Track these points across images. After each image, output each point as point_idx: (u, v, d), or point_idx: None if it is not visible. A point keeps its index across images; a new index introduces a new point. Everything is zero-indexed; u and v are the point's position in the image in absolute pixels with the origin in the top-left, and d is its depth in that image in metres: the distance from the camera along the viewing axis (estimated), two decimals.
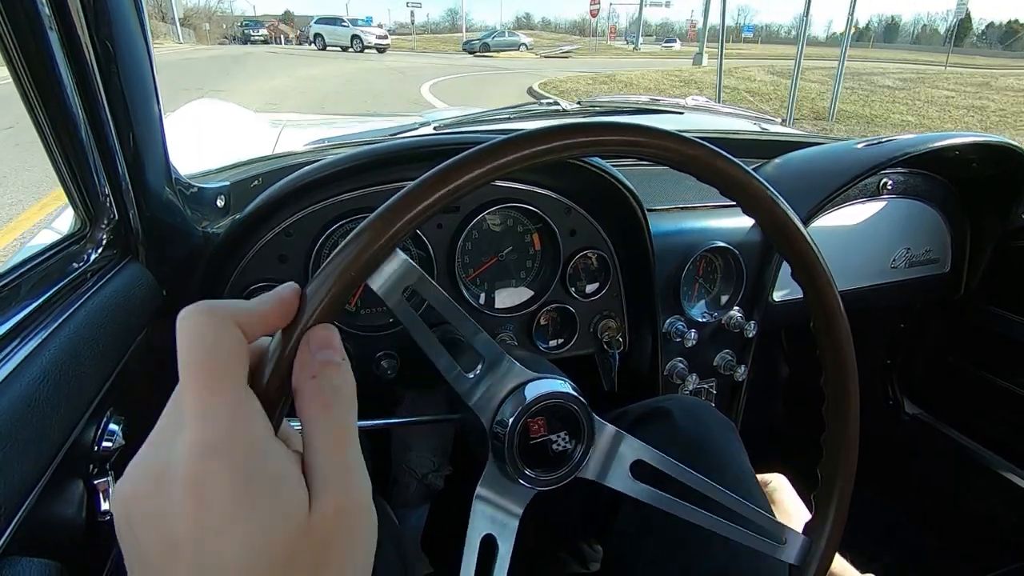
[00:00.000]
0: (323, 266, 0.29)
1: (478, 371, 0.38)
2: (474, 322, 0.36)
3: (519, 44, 30.31)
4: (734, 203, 0.38)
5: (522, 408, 0.38)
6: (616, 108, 1.44)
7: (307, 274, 0.70)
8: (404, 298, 0.32)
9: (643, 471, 0.40)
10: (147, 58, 0.55)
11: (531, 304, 0.81)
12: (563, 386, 0.40)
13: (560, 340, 0.84)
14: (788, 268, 0.40)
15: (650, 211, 0.78)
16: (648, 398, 0.71)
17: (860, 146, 0.99)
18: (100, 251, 0.58)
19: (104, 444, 0.46)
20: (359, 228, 0.30)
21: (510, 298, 0.82)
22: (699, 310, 0.91)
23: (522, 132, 0.33)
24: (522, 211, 0.78)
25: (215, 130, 1.33)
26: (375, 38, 24.74)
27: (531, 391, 0.39)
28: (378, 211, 0.30)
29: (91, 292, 0.51)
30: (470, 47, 28.96)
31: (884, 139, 0.99)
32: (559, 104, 1.29)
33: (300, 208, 0.69)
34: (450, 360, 0.36)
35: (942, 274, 1.12)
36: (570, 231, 0.80)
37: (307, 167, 0.63)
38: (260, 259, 0.69)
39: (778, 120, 1.53)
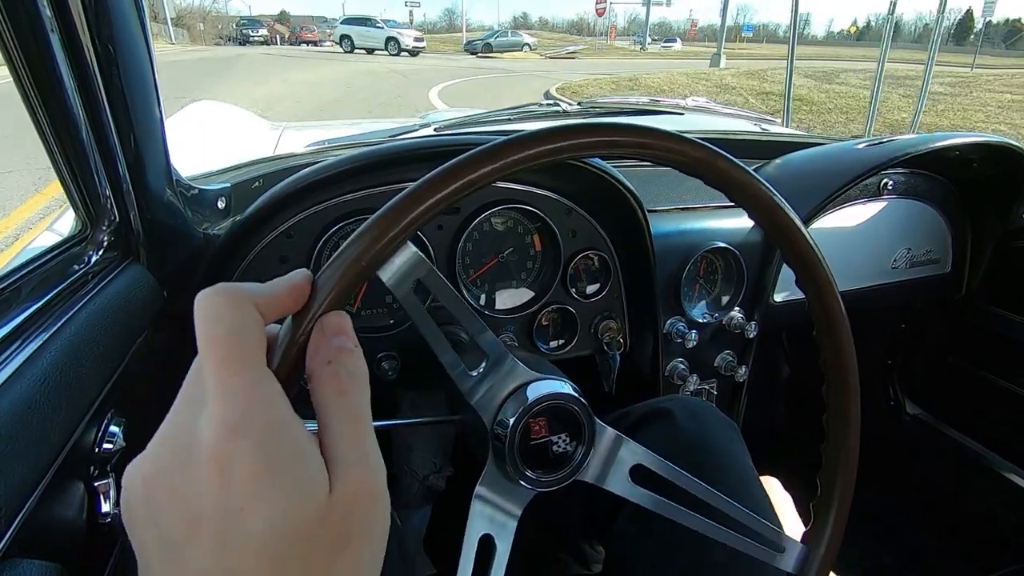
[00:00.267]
0: (335, 255, 0.29)
1: (481, 369, 0.38)
2: (480, 320, 0.36)
3: (522, 44, 29.29)
4: (734, 204, 0.38)
5: (524, 408, 0.38)
6: (617, 109, 1.44)
7: None
8: (412, 291, 0.32)
9: (643, 475, 0.40)
10: (148, 59, 0.55)
11: (532, 305, 0.81)
12: (565, 387, 0.40)
13: (561, 341, 0.84)
14: (789, 269, 0.40)
15: (650, 212, 0.78)
16: (649, 399, 0.71)
17: (860, 146, 0.99)
18: (101, 253, 0.58)
19: (105, 446, 0.46)
20: (373, 218, 0.30)
21: (511, 299, 0.82)
22: (700, 311, 0.91)
23: (556, 127, 0.33)
24: (523, 212, 0.78)
25: (216, 131, 1.33)
26: (412, 40, 22.55)
27: (533, 391, 0.39)
28: (392, 202, 0.30)
29: (92, 294, 0.51)
30: (472, 48, 28.18)
31: (884, 139, 0.99)
32: (560, 105, 1.29)
33: (301, 209, 0.69)
34: (455, 357, 0.36)
35: (943, 274, 1.12)
36: (571, 232, 0.80)
37: (308, 168, 0.63)
38: (261, 260, 0.69)
39: (778, 120, 1.53)
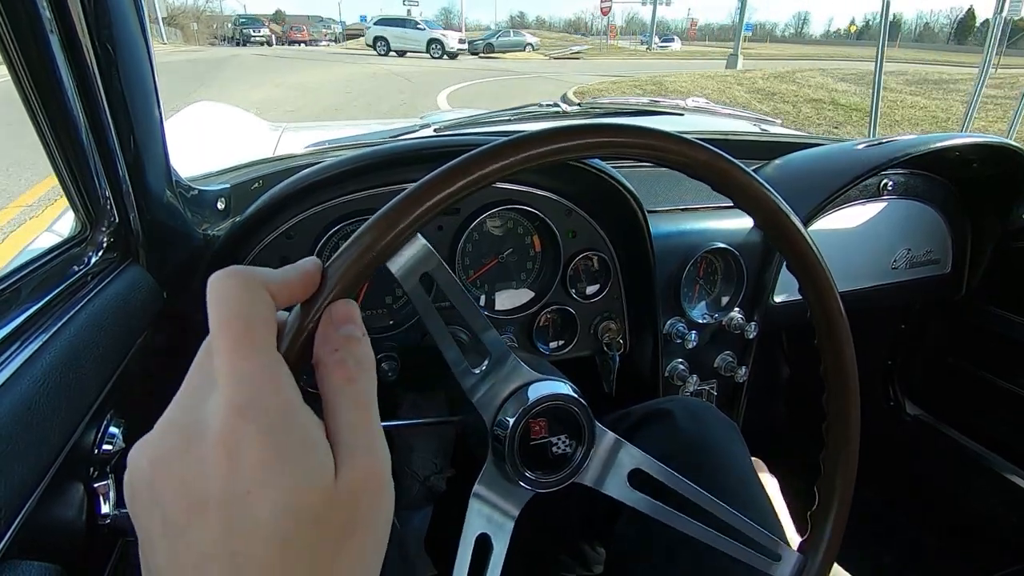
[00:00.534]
0: (345, 245, 0.29)
1: (484, 367, 0.38)
2: (486, 317, 0.36)
3: (525, 44, 28.39)
4: (738, 207, 0.38)
5: (524, 409, 0.38)
6: (617, 109, 1.44)
7: None
8: (420, 284, 0.32)
9: (641, 480, 0.40)
10: (147, 60, 0.55)
11: (532, 306, 0.81)
12: (565, 388, 0.40)
13: (561, 342, 0.84)
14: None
15: (650, 212, 0.77)
16: (649, 399, 0.71)
17: (860, 147, 0.99)
18: (101, 254, 0.58)
19: (104, 447, 0.46)
20: (384, 209, 0.30)
21: (510, 300, 0.82)
22: (700, 311, 0.91)
23: (562, 126, 0.33)
24: (522, 213, 0.78)
25: (215, 132, 1.33)
26: (456, 43, 20.57)
27: (534, 392, 0.39)
28: (403, 194, 0.30)
29: (92, 295, 0.51)
30: (474, 48, 26.94)
31: (884, 140, 0.99)
32: (559, 105, 1.29)
33: (301, 210, 0.69)
34: (458, 353, 0.36)
35: (943, 275, 1.12)
36: (570, 233, 0.80)
37: (308, 169, 0.63)
38: (261, 261, 0.69)
39: (778, 121, 1.53)
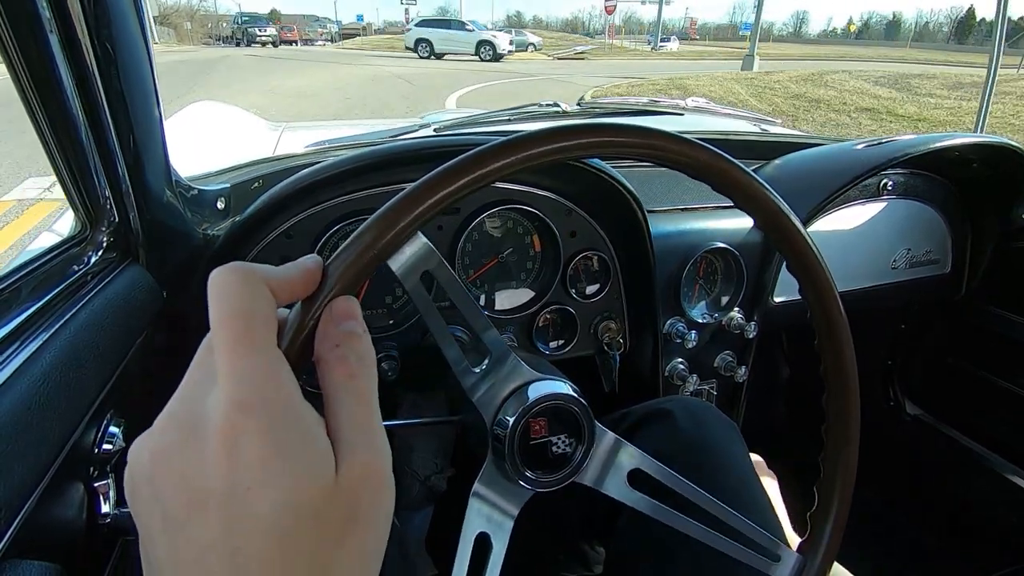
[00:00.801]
0: (346, 243, 0.29)
1: (484, 366, 0.38)
2: (486, 316, 0.36)
3: (527, 44, 27.64)
4: (739, 208, 0.38)
5: (524, 408, 0.38)
6: (616, 109, 1.44)
7: None
8: (420, 283, 0.32)
9: (641, 479, 0.40)
10: (147, 60, 0.54)
11: (531, 305, 0.81)
12: (565, 388, 0.40)
13: (561, 341, 0.84)
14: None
15: (650, 212, 0.78)
16: (649, 399, 0.71)
17: (860, 147, 0.99)
18: (100, 253, 0.58)
19: (104, 446, 0.46)
20: (384, 208, 0.30)
21: (510, 299, 0.82)
22: (699, 311, 0.91)
23: (563, 126, 0.33)
24: (522, 212, 0.78)
25: (215, 132, 1.33)
26: (507, 44, 19.49)
27: (534, 391, 0.39)
28: (403, 193, 0.30)
29: (91, 294, 0.51)
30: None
31: (884, 140, 0.99)
32: (559, 105, 1.29)
33: (301, 210, 0.69)
34: (459, 352, 0.36)
35: (943, 275, 1.12)
36: (570, 232, 0.80)
37: (308, 169, 0.63)
38: (261, 261, 0.68)
39: (778, 121, 1.53)
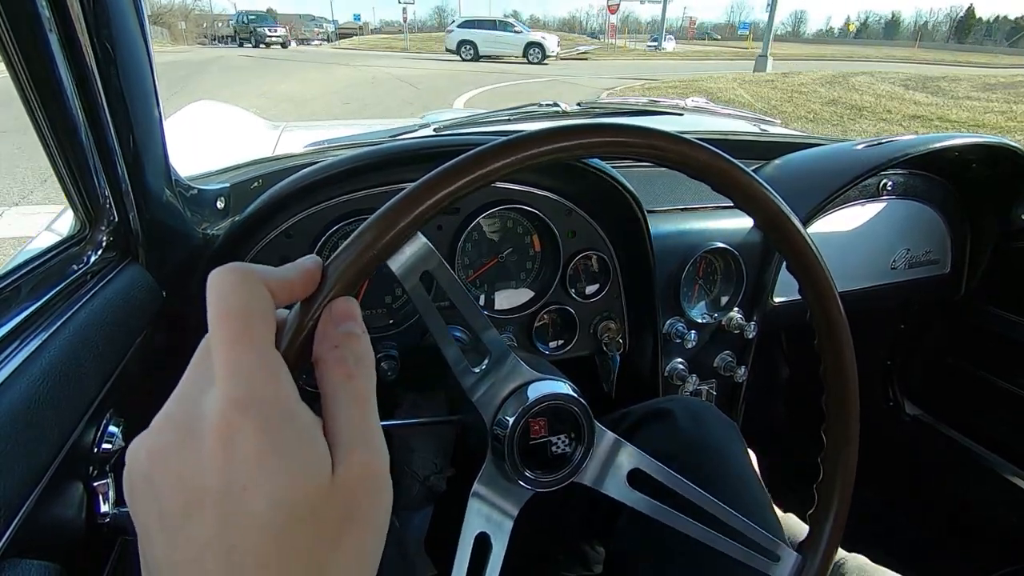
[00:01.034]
0: (346, 243, 0.29)
1: (484, 366, 0.38)
2: (486, 316, 0.36)
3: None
4: (739, 209, 0.38)
5: (524, 408, 0.38)
6: (616, 109, 1.44)
7: None
8: (420, 283, 0.32)
9: (641, 479, 0.40)
10: (147, 60, 0.54)
11: (531, 305, 0.81)
12: (565, 388, 0.40)
13: (560, 341, 0.84)
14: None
15: (650, 212, 0.78)
16: (649, 399, 0.71)
17: (860, 147, 0.99)
18: (100, 253, 0.58)
19: (104, 446, 0.46)
20: (383, 208, 0.30)
21: (510, 299, 0.82)
22: (699, 311, 0.91)
23: (564, 126, 0.33)
24: (522, 212, 0.78)
25: (215, 132, 1.33)
26: (555, 45, 18.23)
27: (534, 391, 0.39)
28: (403, 193, 0.30)
29: (91, 294, 0.51)
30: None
31: (884, 140, 0.99)
32: (559, 105, 1.29)
33: (300, 209, 0.69)
34: (458, 352, 0.36)
35: (942, 275, 1.13)
36: (570, 232, 0.80)
37: (307, 168, 0.63)
38: (260, 261, 0.69)
39: (777, 121, 1.53)
